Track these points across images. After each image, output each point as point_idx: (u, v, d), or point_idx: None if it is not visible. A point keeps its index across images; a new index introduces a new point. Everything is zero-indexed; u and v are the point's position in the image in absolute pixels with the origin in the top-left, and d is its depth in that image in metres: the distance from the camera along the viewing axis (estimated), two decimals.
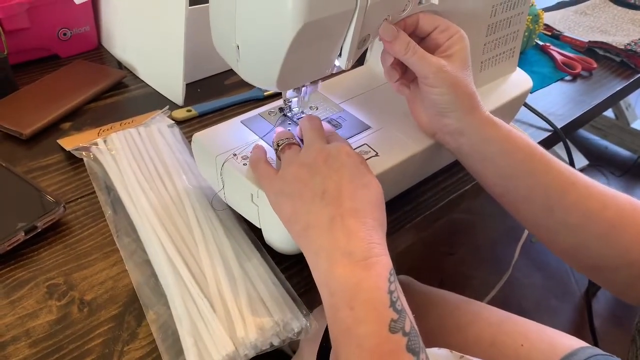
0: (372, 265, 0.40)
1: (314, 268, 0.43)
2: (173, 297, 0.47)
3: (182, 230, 0.53)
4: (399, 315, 0.39)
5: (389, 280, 0.40)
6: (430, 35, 0.52)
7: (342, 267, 0.40)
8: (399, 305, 0.39)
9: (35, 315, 0.47)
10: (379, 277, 0.40)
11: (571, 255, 0.53)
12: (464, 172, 0.66)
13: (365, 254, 0.40)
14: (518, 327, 0.65)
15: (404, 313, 0.39)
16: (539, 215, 0.52)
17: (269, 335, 0.46)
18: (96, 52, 0.86)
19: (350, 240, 0.41)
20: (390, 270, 0.41)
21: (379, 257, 0.41)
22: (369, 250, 0.41)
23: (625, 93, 0.90)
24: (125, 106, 0.75)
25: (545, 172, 0.51)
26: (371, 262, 0.40)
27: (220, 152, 0.52)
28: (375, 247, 0.41)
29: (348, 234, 0.41)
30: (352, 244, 0.41)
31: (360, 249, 0.41)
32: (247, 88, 0.80)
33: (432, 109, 0.53)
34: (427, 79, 0.50)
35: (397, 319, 0.38)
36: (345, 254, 0.40)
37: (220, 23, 0.47)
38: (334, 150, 0.45)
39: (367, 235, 0.41)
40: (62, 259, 0.52)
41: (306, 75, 0.50)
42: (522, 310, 0.60)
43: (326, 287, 0.41)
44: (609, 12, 1.09)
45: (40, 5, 0.76)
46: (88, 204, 0.58)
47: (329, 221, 0.42)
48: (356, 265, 0.40)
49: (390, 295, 0.39)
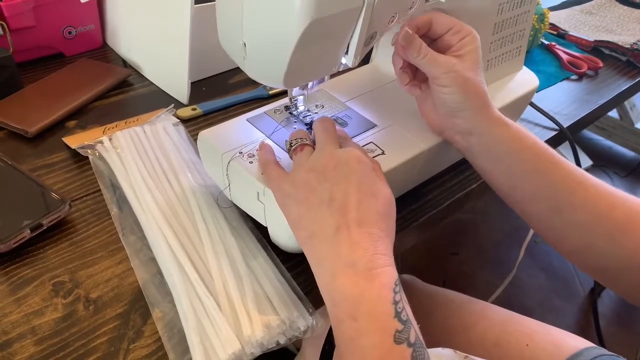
0: (376, 276, 0.39)
1: (318, 277, 0.42)
2: (179, 295, 0.47)
3: (188, 228, 0.53)
4: (404, 325, 0.38)
5: (393, 290, 0.39)
6: (443, 36, 0.52)
7: (345, 278, 0.40)
8: (404, 315, 0.38)
9: (41, 313, 0.47)
10: (382, 287, 0.39)
11: (578, 256, 0.53)
12: (470, 171, 0.65)
13: (369, 265, 0.40)
14: (523, 327, 0.64)
15: (409, 323, 0.38)
16: (546, 215, 0.51)
17: (275, 333, 0.45)
18: (101, 51, 0.86)
19: (354, 251, 0.40)
20: (395, 280, 0.40)
21: (383, 268, 0.40)
22: (373, 262, 0.40)
23: (631, 92, 0.90)
24: (130, 104, 0.75)
25: (553, 171, 0.50)
26: (375, 273, 0.39)
27: (227, 150, 0.52)
28: (380, 258, 0.40)
29: (352, 244, 0.41)
30: (356, 255, 0.40)
31: (363, 260, 0.40)
32: (252, 87, 0.79)
33: (442, 109, 0.52)
34: (437, 79, 0.50)
35: (402, 330, 0.38)
36: (349, 265, 0.40)
37: (227, 21, 0.47)
38: (344, 156, 0.45)
39: (372, 246, 0.41)
40: (67, 256, 0.52)
41: (313, 72, 0.49)
42: (526, 311, 0.60)
43: (329, 297, 0.41)
44: (614, 11, 1.08)
45: (46, 4, 0.76)
46: (93, 202, 0.58)
47: (333, 230, 0.41)
48: (359, 276, 0.39)
49: (395, 305, 0.38)
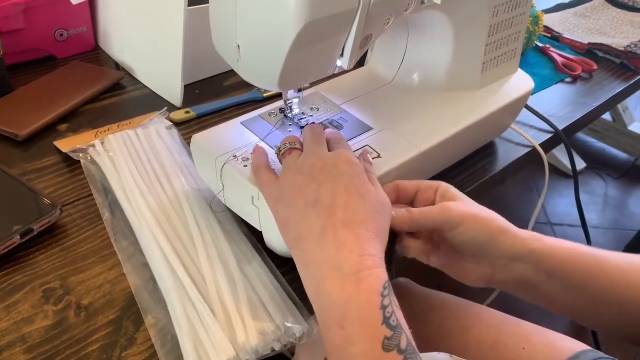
0: (363, 279, 0.38)
1: (305, 281, 0.42)
2: (172, 301, 0.46)
3: (181, 233, 0.52)
4: (393, 331, 0.37)
5: (381, 294, 0.38)
6: (417, 197, 0.50)
7: (331, 282, 0.39)
8: (393, 320, 0.37)
9: (31, 320, 0.46)
10: (370, 291, 0.38)
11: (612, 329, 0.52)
12: (467, 172, 0.65)
13: (355, 266, 0.39)
14: (519, 330, 0.64)
15: (400, 329, 0.37)
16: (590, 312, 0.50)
17: (270, 339, 0.45)
18: (93, 53, 0.85)
19: (340, 252, 0.39)
20: (384, 283, 0.39)
21: (371, 270, 0.39)
22: (360, 263, 0.39)
23: (625, 95, 0.90)
24: (123, 107, 0.74)
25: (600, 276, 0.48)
26: (362, 275, 0.38)
27: (220, 154, 0.51)
28: (367, 260, 0.39)
29: (338, 245, 0.40)
30: (342, 257, 0.39)
31: (350, 262, 0.39)
32: (246, 89, 0.79)
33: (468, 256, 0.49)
34: (443, 225, 0.47)
35: (391, 336, 0.36)
36: (335, 267, 0.39)
37: (221, 22, 0.47)
38: (332, 158, 0.44)
39: (359, 247, 0.40)
40: (58, 262, 0.51)
41: (308, 75, 0.49)
42: (520, 313, 0.60)
43: (317, 303, 0.40)
44: (607, 13, 1.08)
45: (37, 6, 0.76)
46: (85, 207, 0.57)
47: (319, 232, 0.41)
48: (345, 279, 0.38)
49: (383, 310, 0.37)
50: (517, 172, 0.72)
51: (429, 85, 0.63)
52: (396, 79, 0.65)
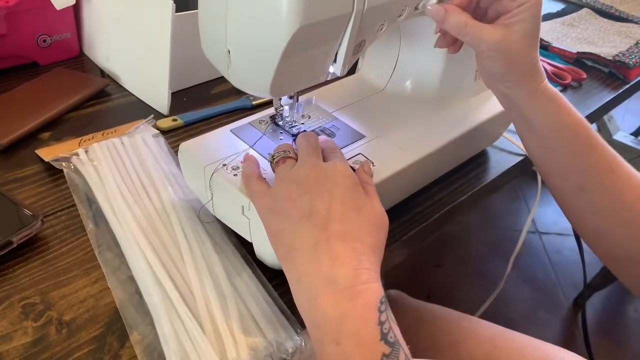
0: (359, 294, 0.37)
1: (297, 296, 0.40)
2: (159, 316, 0.45)
3: (168, 245, 0.51)
4: (391, 348, 0.36)
5: (378, 309, 0.37)
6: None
7: (326, 297, 0.37)
8: (391, 337, 0.36)
9: (9, 338, 0.44)
10: (366, 307, 0.37)
11: (594, 239, 0.54)
12: (459, 183, 0.64)
13: (350, 281, 0.37)
14: (512, 343, 0.64)
15: (398, 345, 0.36)
16: (571, 192, 0.53)
17: (262, 356, 0.43)
18: (78, 60, 0.83)
19: (335, 266, 0.38)
20: (380, 298, 0.37)
21: (366, 285, 0.38)
22: (356, 277, 0.38)
23: (615, 103, 0.90)
24: (108, 115, 0.72)
25: (586, 153, 0.51)
26: (357, 290, 0.37)
27: (209, 162, 0.50)
28: (362, 274, 0.38)
29: (333, 259, 0.38)
30: (336, 270, 0.38)
31: (344, 276, 0.38)
32: (235, 97, 0.77)
33: (484, 75, 0.53)
34: (481, 53, 0.49)
35: (390, 353, 0.35)
36: (330, 281, 0.38)
37: (210, 27, 0.45)
38: (328, 169, 0.43)
39: (354, 260, 0.38)
40: (39, 276, 0.49)
41: (300, 81, 0.48)
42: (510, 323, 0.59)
43: (310, 319, 0.39)
44: (595, 23, 1.09)
45: (19, 11, 0.74)
46: (68, 218, 0.55)
47: (313, 244, 0.39)
48: (341, 294, 0.37)
49: (380, 326, 0.36)
50: (510, 181, 0.71)
51: (421, 92, 0.63)
52: (389, 86, 0.64)
